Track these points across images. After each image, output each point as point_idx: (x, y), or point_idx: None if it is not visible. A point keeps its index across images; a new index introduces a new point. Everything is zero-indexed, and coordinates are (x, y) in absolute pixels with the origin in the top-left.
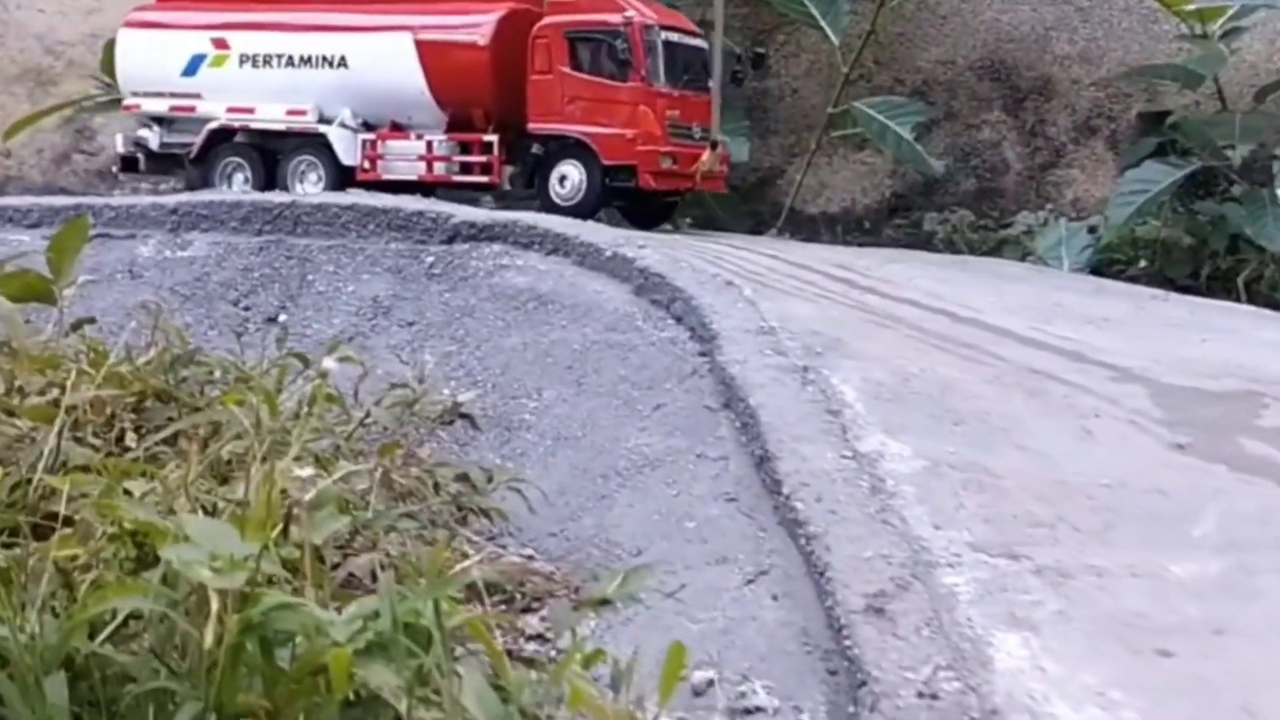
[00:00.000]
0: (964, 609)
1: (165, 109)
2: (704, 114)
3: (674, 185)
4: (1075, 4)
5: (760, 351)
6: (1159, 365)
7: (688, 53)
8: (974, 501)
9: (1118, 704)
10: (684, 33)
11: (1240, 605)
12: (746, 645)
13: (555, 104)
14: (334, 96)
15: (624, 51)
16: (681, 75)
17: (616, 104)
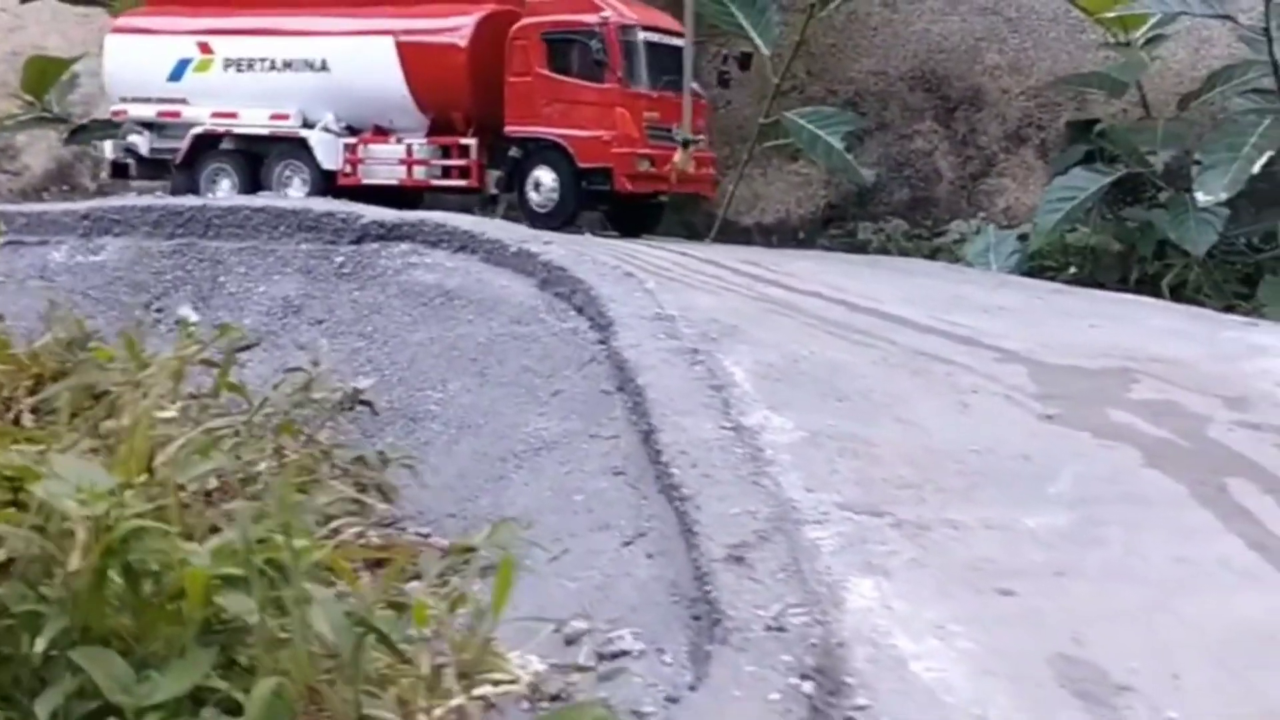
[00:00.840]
0: (825, 559)
1: (152, 114)
2: (693, 116)
3: (652, 188)
4: (1004, 15)
5: (654, 336)
6: (1043, 348)
7: (670, 53)
8: (847, 467)
9: (955, 635)
10: (666, 32)
11: (1082, 552)
12: (619, 598)
13: (533, 106)
14: (317, 100)
15: (599, 52)
16: (662, 76)
17: (593, 106)
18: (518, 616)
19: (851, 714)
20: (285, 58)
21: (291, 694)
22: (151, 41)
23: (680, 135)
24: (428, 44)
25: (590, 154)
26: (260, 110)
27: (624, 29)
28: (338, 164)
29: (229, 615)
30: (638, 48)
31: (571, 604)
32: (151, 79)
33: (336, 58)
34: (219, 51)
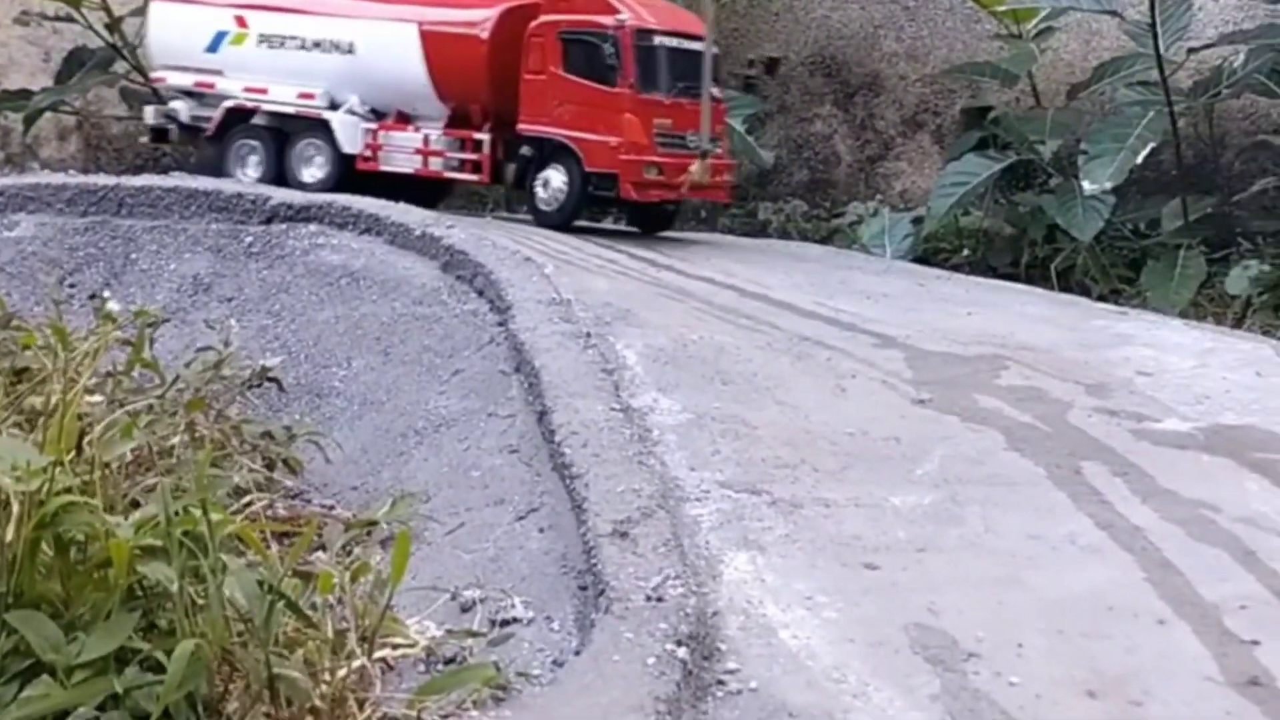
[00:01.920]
0: (704, 534)
1: (189, 84)
2: (710, 122)
3: (660, 197)
4: (902, 3)
5: (550, 320)
6: (920, 334)
7: (691, 58)
8: (729, 448)
9: (821, 605)
10: (688, 37)
11: (943, 528)
12: (512, 570)
13: (545, 105)
14: (343, 83)
15: (612, 56)
16: (683, 81)
17: (603, 109)
18: (417, 586)
19: (722, 677)
20: (315, 37)
21: (208, 654)
22: (192, 11)
23: (697, 143)
24: (450, 34)
25: (598, 158)
26: (289, 88)
27: (640, 33)
28: (357, 148)
29: (151, 583)
30: (655, 53)
31: (467, 574)
32: (190, 48)
33: (363, 41)
34: (254, 26)
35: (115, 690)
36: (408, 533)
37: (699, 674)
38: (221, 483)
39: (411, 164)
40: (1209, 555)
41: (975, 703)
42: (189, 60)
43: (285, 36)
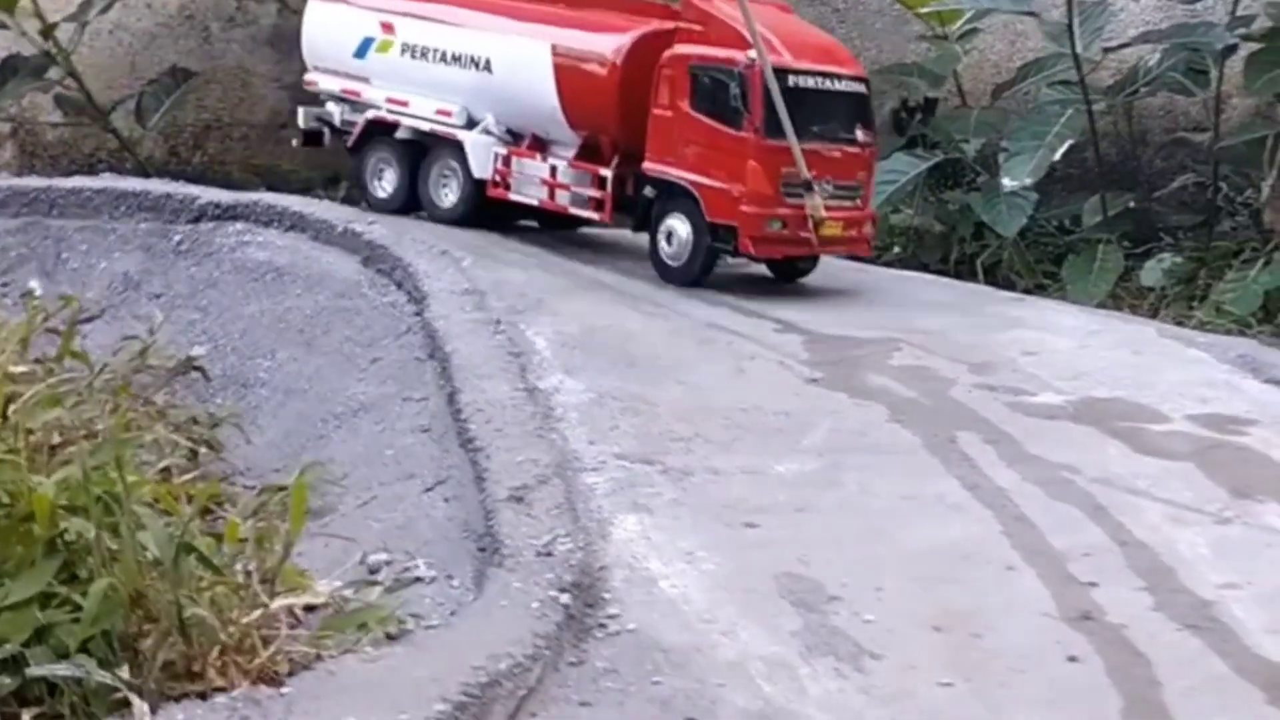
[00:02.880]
0: (597, 500)
1: (338, 89)
2: (849, 169)
3: (784, 253)
4: (832, 5)
5: (463, 309)
6: (822, 320)
7: (836, 100)
8: (627, 423)
9: (700, 559)
10: (837, 76)
11: (821, 492)
12: (417, 535)
13: (672, 144)
14: (480, 101)
15: (737, 99)
16: (819, 124)
17: (727, 154)
18: (328, 551)
19: (604, 621)
20: (455, 50)
21: (122, 594)
22: (345, 13)
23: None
24: (581, 56)
25: (718, 208)
26: (428, 102)
27: (774, 73)
28: (488, 172)
29: (71, 536)
30: (792, 94)
31: (376, 541)
32: (340, 52)
33: (499, 57)
34: (399, 34)
35: (39, 624)
36: (304, 484)
37: (582, 619)
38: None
39: (538, 195)
40: (1063, 511)
41: (831, 637)
42: (338, 64)
43: (428, 47)
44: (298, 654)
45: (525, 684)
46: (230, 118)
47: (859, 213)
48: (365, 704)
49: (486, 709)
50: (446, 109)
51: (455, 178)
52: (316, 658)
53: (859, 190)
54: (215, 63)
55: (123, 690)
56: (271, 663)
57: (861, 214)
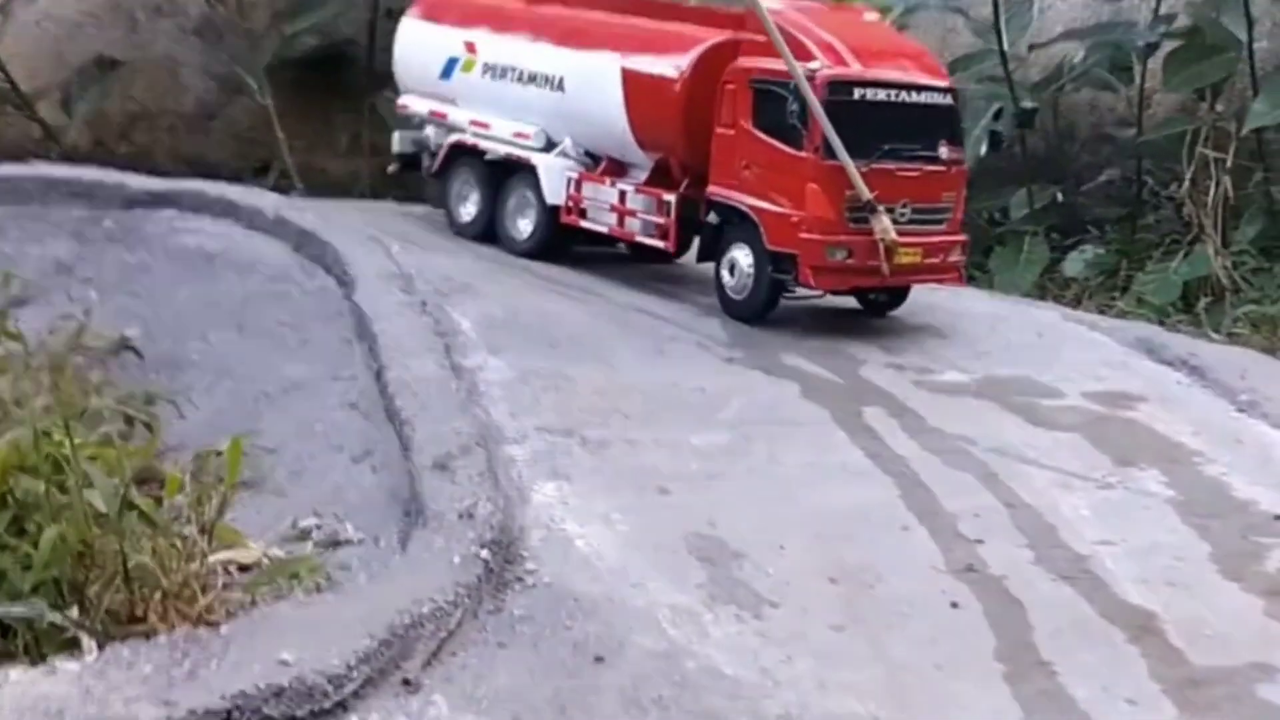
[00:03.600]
0: (518, 468)
1: (426, 111)
2: (931, 190)
3: (851, 285)
4: None
5: (391, 291)
6: None
7: (912, 113)
8: (549, 399)
9: (615, 522)
10: (915, 87)
11: (732, 460)
12: (346, 502)
13: (734, 166)
14: (556, 122)
15: (794, 115)
16: (891, 142)
17: (787, 176)
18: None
19: (522, 575)
20: (531, 70)
21: (71, 541)
22: (433, 32)
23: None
24: (648, 74)
25: (778, 235)
26: (508, 124)
27: (835, 86)
28: (561, 198)
29: (20, 494)
30: (855, 109)
31: (306, 508)
32: (428, 73)
33: (571, 76)
34: (481, 53)
35: None
36: (239, 444)
37: (501, 573)
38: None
39: (608, 222)
40: (957, 478)
41: (733, 588)
42: (426, 85)
43: (507, 67)
44: (234, 602)
45: (446, 627)
46: (157, 107)
47: (945, 238)
48: (298, 641)
49: (410, 646)
50: (524, 131)
51: (532, 205)
52: (252, 603)
53: (945, 213)
54: (142, 52)
55: (72, 630)
56: (209, 610)
57: (948, 239)
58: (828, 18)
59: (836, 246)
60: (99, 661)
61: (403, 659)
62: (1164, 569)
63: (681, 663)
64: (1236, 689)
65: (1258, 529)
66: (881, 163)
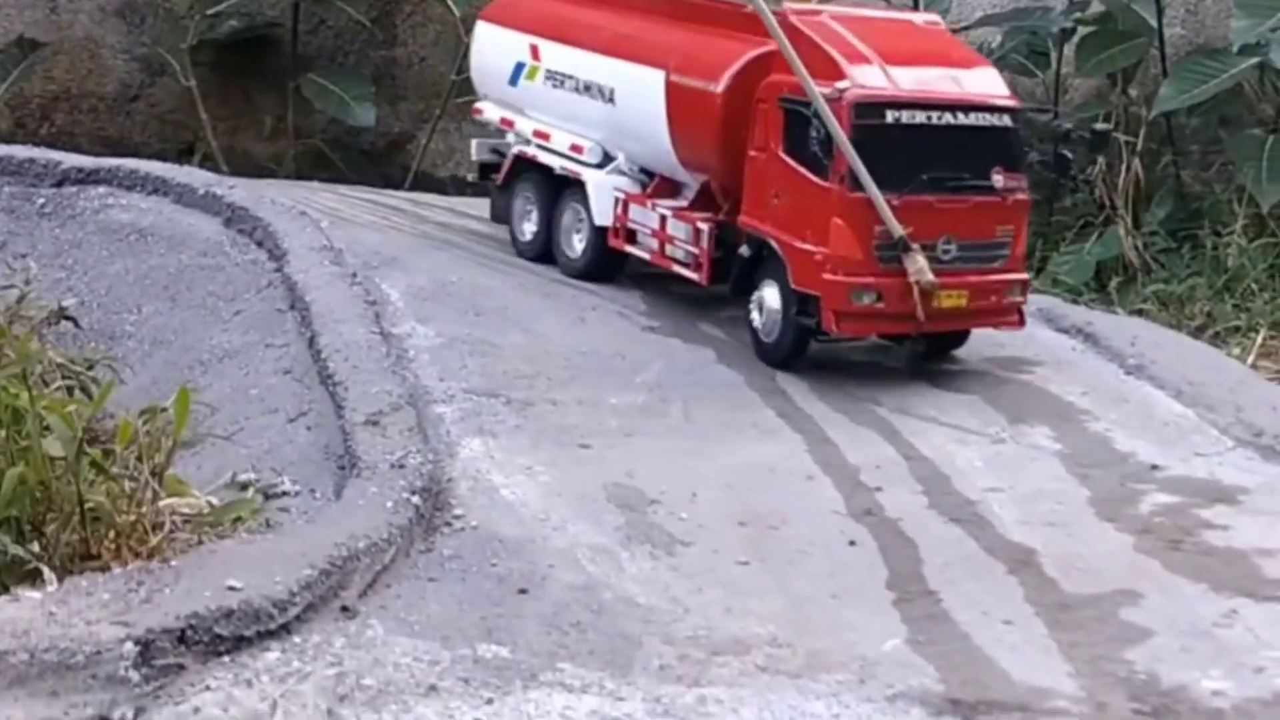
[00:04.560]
0: (446, 425)
1: (497, 119)
2: (982, 223)
3: (880, 331)
4: None
5: (321, 264)
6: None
7: (961, 136)
8: (475, 364)
9: (538, 473)
10: (963, 107)
11: (649, 419)
12: (283, 458)
13: (765, 194)
14: (610, 136)
15: (815, 141)
16: (932, 170)
17: (813, 208)
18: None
19: (450, 521)
20: (586, 79)
21: (31, 480)
22: (503, 36)
23: (953, 254)
24: (688, 87)
25: (803, 274)
26: (566, 136)
27: (863, 108)
28: (608, 219)
29: None
30: (889, 133)
31: (245, 464)
32: (498, 79)
33: (620, 86)
34: (544, 59)
35: None
36: (187, 390)
37: (431, 518)
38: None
39: (649, 247)
40: (862, 434)
41: (649, 530)
42: (497, 92)
43: (565, 74)
44: (181, 542)
45: (381, 561)
46: (79, 89)
47: (999, 277)
48: (244, 572)
49: (348, 577)
50: (580, 144)
51: (585, 224)
52: (199, 543)
53: (999, 249)
54: (63, 33)
55: (34, 563)
56: (159, 549)
57: (1002, 278)
58: (871, 26)
59: (863, 289)
60: (60, 591)
61: (341, 588)
62: (1046, 512)
63: (599, 594)
64: (1102, 612)
65: (1135, 477)
66: (920, 194)
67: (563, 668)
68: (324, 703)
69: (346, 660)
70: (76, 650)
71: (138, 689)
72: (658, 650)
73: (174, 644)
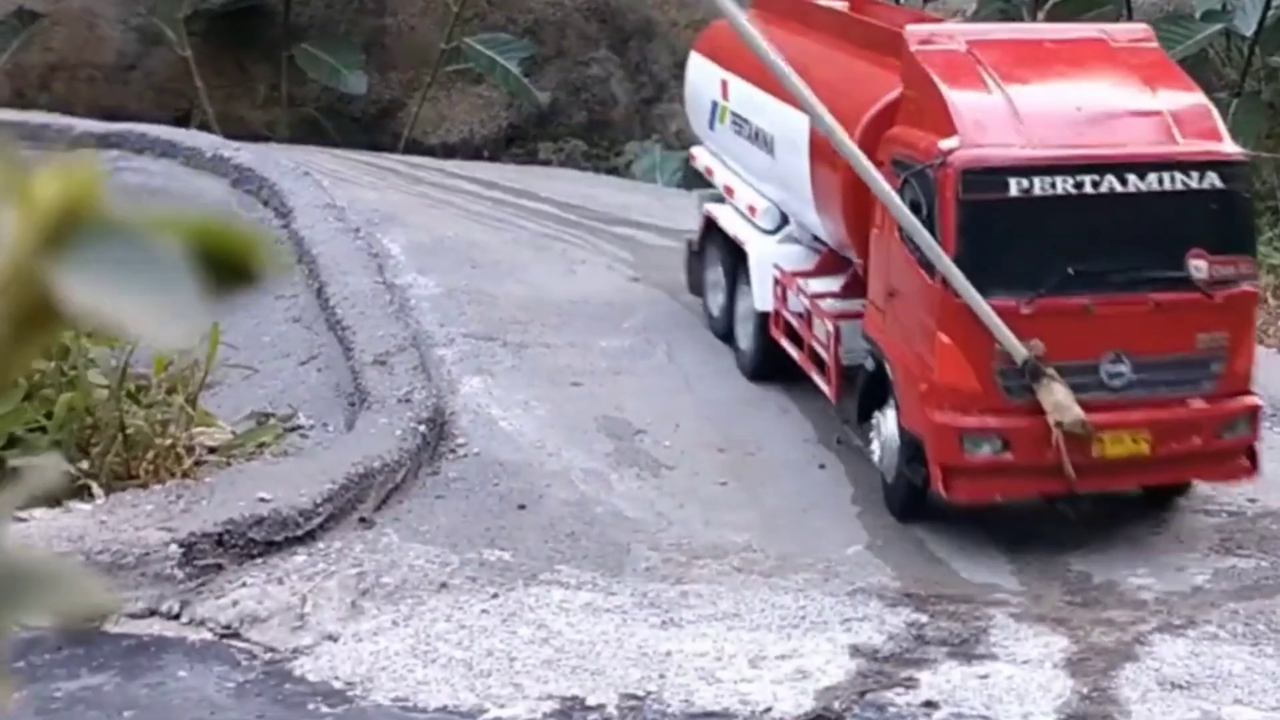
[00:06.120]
0: (448, 365)
1: (703, 166)
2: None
3: (1010, 493)
4: None
5: (326, 220)
6: (646, 231)
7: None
8: (473, 311)
9: (534, 407)
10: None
11: (636, 360)
12: (297, 396)
13: (883, 288)
14: (780, 196)
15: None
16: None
17: (921, 315)
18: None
19: (454, 448)
20: (757, 124)
21: (80, 406)
22: (706, 69)
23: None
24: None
25: (910, 409)
26: (746, 194)
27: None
28: (769, 302)
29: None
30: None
31: (262, 402)
32: (700, 120)
33: (779, 135)
34: (731, 98)
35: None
36: (218, 325)
37: (436, 445)
38: None
39: (801, 344)
40: None
41: (636, 456)
42: (702, 135)
43: (743, 118)
44: (212, 464)
45: (393, 480)
46: (76, 59)
47: (1202, 409)
48: (272, 487)
49: (364, 492)
50: (756, 204)
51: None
52: (228, 465)
53: (1205, 367)
54: (60, 5)
55: (83, 479)
56: (192, 472)
57: (1213, 409)
58: (1017, 52)
59: (981, 435)
60: (108, 503)
61: (358, 502)
62: None
63: (591, 509)
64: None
65: None
66: (1066, 294)
67: (560, 569)
68: (348, 597)
69: (366, 562)
70: (127, 552)
71: (182, 585)
72: (644, 555)
73: (213, 547)
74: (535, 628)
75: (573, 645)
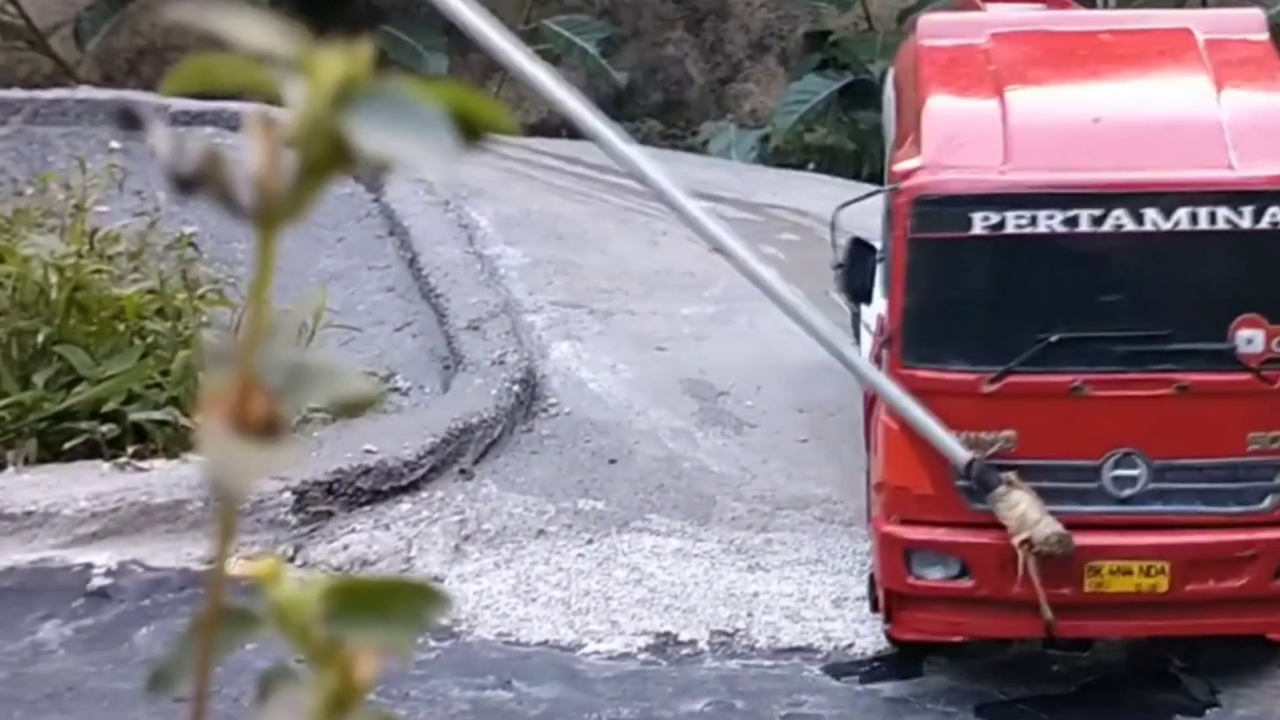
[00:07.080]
0: (538, 331)
1: None
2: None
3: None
4: None
5: (415, 194)
6: (728, 205)
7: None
8: (560, 280)
9: (621, 371)
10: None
11: (718, 327)
12: (394, 360)
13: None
14: None
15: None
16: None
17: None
18: None
19: (546, 408)
20: None
21: (195, 366)
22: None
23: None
24: None
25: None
26: None
27: (933, 207)
28: None
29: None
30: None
31: (361, 363)
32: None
33: None
34: None
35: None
36: (322, 289)
37: (529, 405)
38: None
39: None
40: None
41: (720, 415)
42: None
43: None
44: (318, 420)
45: (490, 436)
46: (164, 42)
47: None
48: (377, 440)
49: (464, 446)
50: None
51: None
52: (333, 420)
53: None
54: None
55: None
56: (300, 425)
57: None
58: (1052, 46)
59: (934, 553)
60: None
61: (459, 455)
62: None
63: (678, 464)
64: None
65: None
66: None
67: (650, 518)
68: (451, 542)
69: (467, 511)
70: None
71: (295, 531)
72: (730, 505)
73: (323, 494)
74: (629, 570)
75: (665, 586)
